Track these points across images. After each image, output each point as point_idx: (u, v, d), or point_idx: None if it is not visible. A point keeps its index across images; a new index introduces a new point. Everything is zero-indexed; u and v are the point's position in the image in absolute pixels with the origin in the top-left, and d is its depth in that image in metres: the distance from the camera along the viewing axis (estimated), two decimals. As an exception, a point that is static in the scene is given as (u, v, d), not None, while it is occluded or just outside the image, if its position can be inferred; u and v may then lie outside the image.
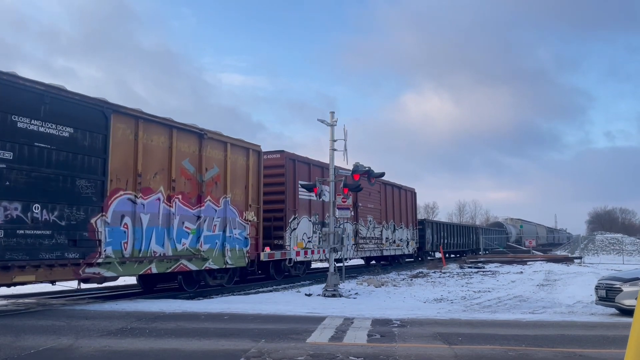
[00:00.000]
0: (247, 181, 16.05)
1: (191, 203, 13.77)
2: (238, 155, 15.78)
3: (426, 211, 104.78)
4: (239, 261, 15.52)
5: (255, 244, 16.33)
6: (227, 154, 15.16)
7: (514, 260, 32.82)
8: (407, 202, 31.12)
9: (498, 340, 7.84)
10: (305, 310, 11.10)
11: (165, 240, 12.77)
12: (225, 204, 15.03)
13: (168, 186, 13.01)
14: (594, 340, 8.04)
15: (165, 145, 13.02)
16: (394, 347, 7.21)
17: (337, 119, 15.83)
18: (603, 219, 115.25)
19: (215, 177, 14.67)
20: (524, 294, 16.33)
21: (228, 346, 7.05)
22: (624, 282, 11.09)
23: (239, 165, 15.79)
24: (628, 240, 47.48)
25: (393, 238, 28.38)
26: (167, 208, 12.93)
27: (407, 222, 30.86)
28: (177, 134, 13.30)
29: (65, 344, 7.02)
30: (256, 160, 16.68)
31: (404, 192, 30.79)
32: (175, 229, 13.12)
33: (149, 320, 9.13)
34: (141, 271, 12.24)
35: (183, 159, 13.55)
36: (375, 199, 26.09)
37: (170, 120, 13.17)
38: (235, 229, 15.43)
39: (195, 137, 14.06)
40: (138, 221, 12.06)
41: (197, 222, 13.90)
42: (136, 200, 12.04)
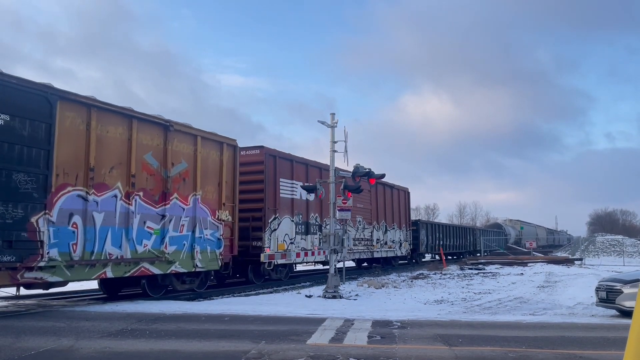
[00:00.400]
0: (221, 178, 14.88)
1: (154, 201, 12.59)
2: (210, 150, 14.59)
3: (427, 213, 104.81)
4: (211, 264, 14.37)
5: (230, 246, 15.19)
6: (198, 148, 14.00)
7: (515, 261, 32.80)
8: (399, 202, 29.98)
9: (498, 342, 7.84)
10: (305, 312, 11.10)
11: (123, 242, 11.60)
12: (195, 202, 13.86)
13: (127, 182, 11.85)
14: (595, 342, 8.04)
15: (124, 137, 11.84)
16: (394, 349, 7.21)
17: (337, 120, 15.85)
18: (604, 220, 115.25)
19: (183, 172, 13.52)
20: (524, 296, 16.32)
21: (228, 347, 7.05)
22: (625, 284, 11.09)
23: (212, 161, 14.62)
24: (629, 241, 47.51)
25: (384, 239, 27.27)
26: (125, 206, 11.76)
27: (399, 223, 29.66)
28: (138, 125, 12.12)
29: (65, 345, 7.02)
30: (231, 156, 15.46)
31: (397, 191, 29.71)
32: (135, 229, 11.94)
33: (149, 321, 9.14)
34: (93, 275, 11.01)
35: (145, 153, 12.41)
36: (365, 198, 24.87)
37: (129, 110, 12.01)
38: (207, 229, 14.26)
39: (160, 129, 12.87)
40: (90, 220, 10.87)
41: (161, 221, 12.73)
42: (88, 197, 10.84)
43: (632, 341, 1.11)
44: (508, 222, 69.75)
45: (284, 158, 18.84)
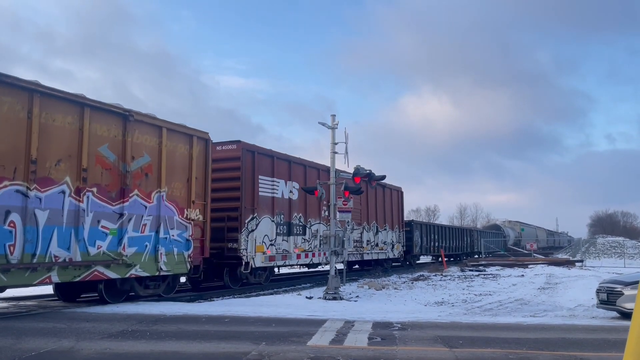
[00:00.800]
0: (190, 173, 13.74)
1: (111, 198, 11.45)
2: (178, 143, 13.47)
3: (427, 214, 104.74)
4: (178, 267, 13.20)
5: (200, 247, 14.07)
6: (163, 141, 12.84)
7: (515, 263, 32.78)
8: (392, 202, 28.66)
9: (499, 344, 7.84)
10: (306, 313, 11.10)
11: (72, 243, 10.43)
12: (160, 199, 12.68)
13: (77, 177, 10.68)
14: (595, 344, 8.04)
15: (75, 127, 10.69)
16: (394, 350, 7.21)
17: (338, 122, 15.87)
18: (605, 222, 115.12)
19: (146, 167, 12.35)
20: (525, 297, 16.32)
21: (229, 349, 7.06)
22: (625, 286, 11.08)
23: (179, 155, 13.50)
24: (629, 243, 47.41)
25: (375, 241, 26.01)
26: (75, 203, 10.58)
27: (392, 224, 28.34)
28: (91, 114, 11.00)
29: (66, 346, 7.03)
30: (202, 150, 14.33)
31: (389, 191, 28.32)
32: (86, 228, 10.75)
33: (150, 322, 9.14)
34: (35, 280, 9.82)
35: (100, 145, 11.28)
36: (355, 198, 23.31)
37: (81, 97, 10.89)
38: (173, 229, 13.07)
39: (118, 119, 11.76)
40: (31, 219, 9.74)
41: (118, 220, 11.56)
42: (29, 193, 9.72)
43: (631, 342, 1.11)
44: (507, 224, 68.35)
45: (263, 154, 17.69)
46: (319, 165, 20.87)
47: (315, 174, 20.35)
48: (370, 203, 25.62)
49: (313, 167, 20.42)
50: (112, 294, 12.08)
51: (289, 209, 18.68)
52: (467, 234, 47.02)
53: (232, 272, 16.45)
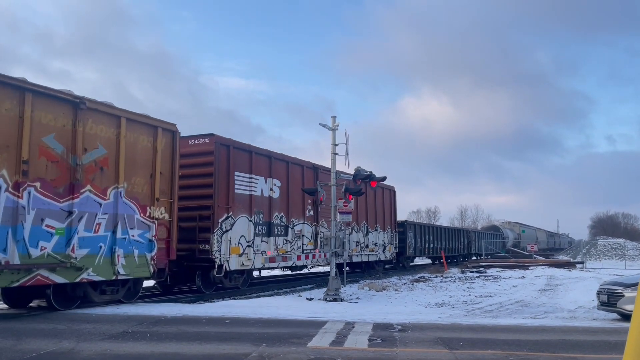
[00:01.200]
0: (155, 168, 12.62)
1: (58, 194, 10.31)
2: (140, 135, 12.30)
3: (428, 215, 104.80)
4: (139, 270, 12.01)
5: (166, 248, 12.92)
6: (122, 132, 11.69)
7: (516, 265, 32.77)
8: (384, 201, 27.31)
9: (499, 345, 7.83)
10: (306, 315, 11.10)
11: (9, 244, 9.28)
12: (117, 196, 11.52)
13: (16, 170, 9.57)
14: (596, 346, 8.03)
15: (13, 114, 9.62)
16: (395, 352, 7.21)
17: (338, 123, 15.88)
18: (605, 223, 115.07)
19: (101, 160, 11.19)
20: (525, 299, 16.31)
21: (229, 350, 7.06)
22: (626, 287, 11.07)
23: (141, 148, 12.34)
24: (630, 245, 47.41)
25: (365, 242, 24.65)
26: (12, 199, 9.45)
27: (383, 224, 27.03)
28: (34, 101, 9.91)
29: (66, 347, 7.03)
30: (169, 143, 13.17)
31: (380, 190, 26.75)
32: (27, 228, 9.63)
33: (150, 324, 9.14)
34: None
35: (45, 134, 10.16)
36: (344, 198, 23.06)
37: (22, 82, 9.82)
38: (134, 229, 11.91)
39: (68, 107, 10.63)
40: None
41: (67, 219, 10.42)
42: None
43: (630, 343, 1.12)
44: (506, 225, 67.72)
45: (240, 149, 16.35)
46: (304, 162, 19.85)
47: (299, 171, 19.40)
48: (360, 203, 24.06)
49: (297, 164, 19.38)
50: (62, 301, 10.82)
51: (269, 208, 17.38)
52: (464, 235, 45.87)
53: (205, 276, 15.23)
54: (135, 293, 12.58)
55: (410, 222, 34.40)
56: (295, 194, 18.76)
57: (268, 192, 17.39)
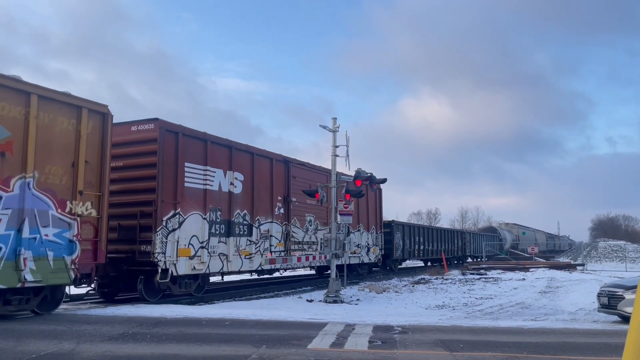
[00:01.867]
0: (77, 156, 10.73)
1: None
2: (58, 116, 10.41)
3: (428, 217, 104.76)
4: (56, 276, 10.10)
5: (92, 250, 11.00)
6: (32, 112, 9.84)
7: (516, 267, 32.74)
8: (368, 200, 24.67)
9: (499, 347, 7.83)
10: (306, 316, 11.10)
11: None
12: (24, 187, 9.70)
13: None
14: (596, 348, 8.03)
15: None
16: (395, 354, 7.21)
17: (339, 125, 15.90)
18: (606, 226, 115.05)
19: (4, 144, 9.45)
20: (526, 301, 16.30)
21: (229, 352, 7.06)
22: (627, 290, 11.07)
23: (60, 131, 10.44)
24: (631, 247, 47.41)
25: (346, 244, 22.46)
26: None
27: (367, 224, 24.85)
28: None
29: (66, 348, 7.04)
30: (97, 127, 11.23)
31: (365, 187, 23.63)
32: None
33: (151, 325, 9.15)
34: None
35: None
36: None
37: None
38: (48, 227, 10.04)
39: None
40: None
41: None
42: None
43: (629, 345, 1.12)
44: (504, 226, 66.17)
45: (192, 137, 14.30)
46: (273, 154, 17.91)
47: (267, 164, 17.37)
48: None
49: (264, 157, 17.27)
50: None
51: (229, 204, 15.24)
52: (458, 236, 43.92)
53: (148, 281, 13.15)
54: (55, 303, 10.68)
55: (398, 223, 32.05)
56: (262, 190, 16.92)
57: (228, 186, 15.21)
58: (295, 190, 18.60)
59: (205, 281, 15.18)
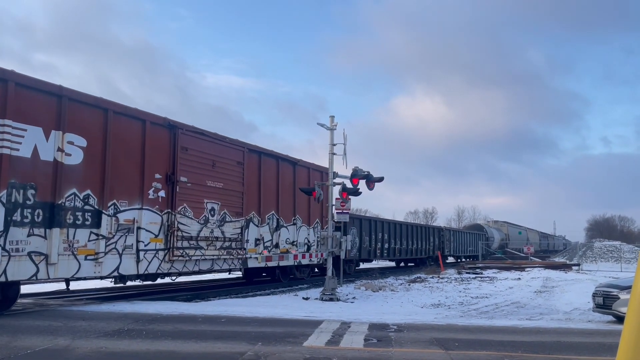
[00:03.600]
0: None
1: None
2: None
3: (425, 216, 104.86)
4: None
5: None
6: None
7: (512, 266, 32.86)
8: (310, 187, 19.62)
9: (494, 346, 7.85)
10: (302, 314, 11.11)
11: None
12: None
13: None
14: (591, 347, 8.06)
15: None
16: (390, 352, 7.22)
17: (337, 123, 15.89)
18: (602, 226, 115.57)
19: None
20: (521, 300, 16.35)
21: (225, 349, 7.06)
22: (622, 290, 11.12)
23: None
24: (626, 247, 47.57)
25: (275, 240, 17.59)
26: None
27: (307, 217, 19.80)
28: None
29: (61, 344, 7.02)
30: None
31: (304, 170, 19.74)
32: None
33: (146, 322, 9.14)
34: None
35: None
36: (231, 173, 15.41)
37: None
38: None
39: None
40: None
41: None
42: None
43: (623, 346, 1.13)
44: (492, 224, 62.19)
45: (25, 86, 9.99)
46: (147, 114, 12.85)
47: (137, 128, 12.47)
48: (267, 185, 17.37)
49: (130, 117, 12.35)
50: None
51: (54, 179, 10.48)
52: (434, 233, 38.86)
53: None
54: None
55: (356, 216, 27.07)
56: (125, 164, 12.10)
57: (53, 153, 10.49)
58: (187, 168, 13.66)
59: (7, 293, 10.04)
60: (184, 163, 13.64)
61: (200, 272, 15.05)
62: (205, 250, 14.35)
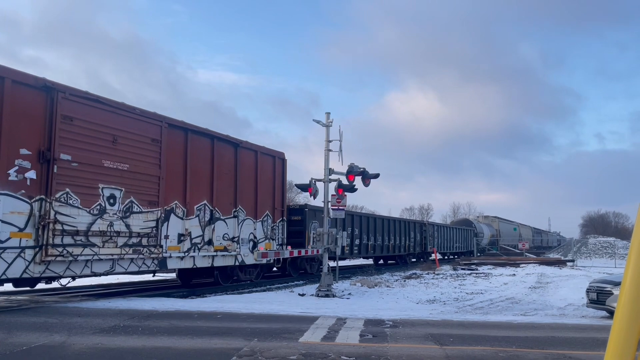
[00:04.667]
0: None
1: None
2: None
3: (421, 213, 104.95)
4: None
5: None
6: None
7: (507, 262, 33.06)
8: (258, 174, 17.09)
9: (489, 342, 7.91)
10: (298, 310, 11.14)
11: None
12: None
13: None
14: (584, 343, 8.13)
15: None
16: (385, 347, 7.26)
17: (332, 119, 15.90)
18: (596, 222, 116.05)
19: None
20: (516, 296, 16.44)
21: (220, 345, 7.08)
22: (615, 285, 11.19)
23: None
24: (620, 244, 47.74)
25: (208, 236, 14.71)
26: None
27: (254, 209, 16.87)
28: None
29: (57, 341, 7.03)
30: None
31: (249, 154, 16.74)
32: None
33: (142, 318, 9.15)
34: None
35: None
36: (142, 153, 12.70)
37: None
38: None
39: None
40: None
41: None
42: None
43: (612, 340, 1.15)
44: (481, 219, 59.18)
45: None
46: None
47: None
48: (197, 168, 14.52)
49: None
50: None
51: None
52: (416, 228, 34.69)
53: None
54: None
55: (315, 208, 21.70)
56: None
57: None
58: (72, 142, 10.88)
59: None
60: (68, 137, 10.74)
61: (95, 275, 12.02)
62: (100, 249, 11.29)
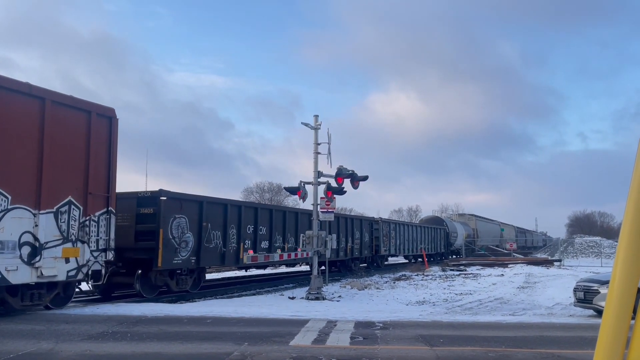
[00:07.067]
0: None
1: None
2: None
3: (409, 214, 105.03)
4: None
5: None
6: None
7: (495, 263, 33.29)
8: (50, 136, 10.14)
9: (479, 342, 7.96)
10: (288, 313, 11.11)
11: None
12: None
13: None
14: (572, 341, 8.21)
15: None
16: (376, 349, 7.27)
17: (321, 122, 15.90)
18: (582, 222, 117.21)
19: None
20: (504, 296, 16.56)
21: (211, 349, 7.04)
22: (602, 284, 11.33)
23: None
24: (606, 243, 48.26)
25: None
26: None
27: (35, 193, 9.81)
28: None
29: (45, 348, 6.94)
30: None
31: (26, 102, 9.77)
32: None
33: (131, 324, 9.06)
34: None
35: None
36: None
37: None
38: None
39: None
40: None
41: None
42: None
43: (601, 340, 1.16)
44: (456, 217, 53.95)
45: None
46: None
47: None
48: None
49: None
50: None
51: None
52: (362, 227, 26.51)
53: None
54: None
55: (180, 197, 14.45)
56: None
57: None
58: None
59: None
60: None
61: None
62: None
